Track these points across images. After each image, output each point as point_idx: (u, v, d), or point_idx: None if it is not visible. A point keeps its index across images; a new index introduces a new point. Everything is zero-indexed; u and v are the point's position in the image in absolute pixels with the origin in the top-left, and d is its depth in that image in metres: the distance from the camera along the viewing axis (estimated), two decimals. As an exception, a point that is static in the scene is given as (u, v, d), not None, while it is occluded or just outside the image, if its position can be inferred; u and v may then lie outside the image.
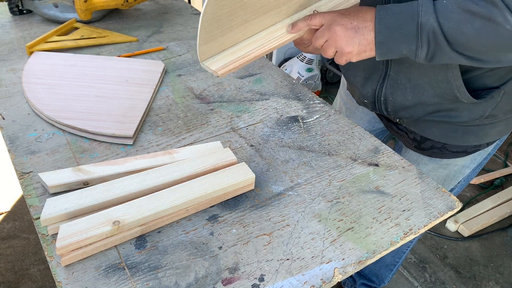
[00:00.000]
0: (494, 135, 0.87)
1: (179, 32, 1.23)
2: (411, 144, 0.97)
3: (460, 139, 0.87)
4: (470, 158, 0.94)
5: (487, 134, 0.86)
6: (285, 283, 0.59)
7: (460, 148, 0.89)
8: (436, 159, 0.95)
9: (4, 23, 1.22)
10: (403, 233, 0.67)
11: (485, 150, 0.93)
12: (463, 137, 0.87)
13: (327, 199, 0.72)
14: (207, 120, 0.88)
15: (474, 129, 0.85)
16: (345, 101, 1.14)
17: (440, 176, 0.99)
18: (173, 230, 0.65)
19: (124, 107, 0.87)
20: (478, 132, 0.85)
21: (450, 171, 0.97)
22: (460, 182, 1.02)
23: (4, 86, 0.95)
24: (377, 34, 0.67)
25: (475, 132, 0.85)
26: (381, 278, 1.43)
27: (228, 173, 0.70)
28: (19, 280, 1.59)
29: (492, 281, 1.68)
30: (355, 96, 1.02)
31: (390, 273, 1.39)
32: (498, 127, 0.85)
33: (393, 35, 0.66)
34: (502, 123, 0.84)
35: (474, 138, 0.87)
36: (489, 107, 0.79)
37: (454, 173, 0.98)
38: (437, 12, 0.63)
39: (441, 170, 0.97)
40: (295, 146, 0.83)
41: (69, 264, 0.59)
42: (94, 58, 1.02)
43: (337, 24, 0.69)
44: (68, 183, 0.69)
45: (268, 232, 0.66)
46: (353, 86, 0.96)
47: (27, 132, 0.82)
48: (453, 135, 0.87)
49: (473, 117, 0.81)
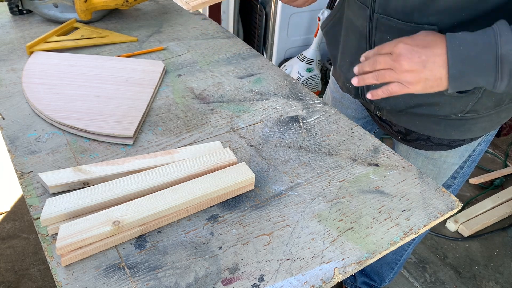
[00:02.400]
0: (477, 131, 0.86)
1: (179, 32, 1.23)
2: (397, 136, 0.99)
3: (443, 133, 0.87)
4: (458, 154, 0.94)
5: (469, 130, 0.85)
6: (285, 283, 0.59)
7: (444, 141, 0.90)
8: (423, 152, 0.96)
9: (4, 23, 1.22)
10: (403, 233, 0.67)
11: (471, 145, 0.92)
12: (446, 131, 0.87)
13: (327, 199, 0.72)
14: (207, 120, 0.88)
15: (456, 123, 0.84)
16: (332, 90, 1.16)
17: (431, 175, 1.00)
18: (173, 230, 0.65)
19: (124, 107, 0.87)
20: (460, 127, 0.85)
21: (440, 169, 0.98)
22: (457, 179, 1.02)
23: (4, 86, 0.95)
24: (451, 68, 0.61)
25: (457, 127, 0.85)
26: (382, 277, 1.43)
27: (228, 173, 0.70)
28: (19, 280, 1.59)
29: (492, 281, 1.68)
30: (339, 82, 1.02)
31: (391, 272, 1.39)
32: (480, 123, 0.84)
33: (468, 69, 0.60)
34: (485, 120, 0.83)
35: (456, 132, 0.86)
36: (470, 102, 0.78)
37: (444, 171, 0.99)
38: None
39: (430, 167, 0.99)
40: (295, 146, 0.83)
41: (69, 264, 0.59)
42: (94, 58, 1.02)
43: (403, 56, 0.63)
44: (68, 183, 0.69)
45: (268, 232, 0.66)
46: (339, 70, 0.97)
47: (27, 132, 0.82)
48: (435, 127, 0.87)
49: (454, 111, 0.81)
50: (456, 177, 1.02)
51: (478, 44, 0.59)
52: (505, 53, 0.57)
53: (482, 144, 0.94)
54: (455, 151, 0.94)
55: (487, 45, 0.59)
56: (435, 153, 0.95)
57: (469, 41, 0.60)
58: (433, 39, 0.63)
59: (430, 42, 0.63)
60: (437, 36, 0.63)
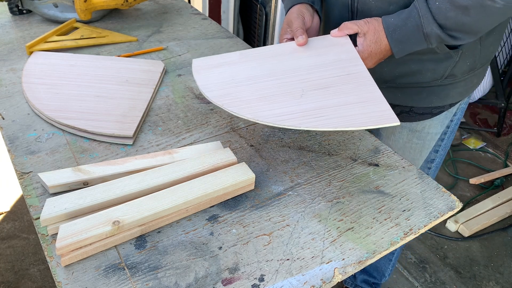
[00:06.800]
0: (455, 96, 0.96)
1: (179, 32, 1.23)
2: None
3: (425, 101, 0.96)
4: (439, 123, 1.03)
5: (448, 95, 0.95)
6: (285, 283, 0.59)
7: (426, 110, 0.98)
8: (407, 124, 1.03)
9: (4, 23, 1.22)
10: (403, 233, 0.67)
11: (450, 112, 1.01)
12: (427, 98, 0.96)
13: (327, 199, 0.72)
14: (207, 120, 0.88)
15: (436, 89, 0.94)
16: None
17: (417, 148, 1.07)
18: (173, 230, 0.65)
19: (124, 107, 0.87)
20: (440, 93, 0.94)
21: (424, 141, 1.06)
22: (439, 152, 1.11)
23: (4, 86, 0.95)
24: (393, 48, 0.80)
25: (438, 93, 0.95)
26: (381, 272, 1.43)
27: (228, 173, 0.70)
28: (19, 280, 1.59)
29: (492, 281, 1.68)
30: None
31: (390, 264, 1.39)
32: (458, 88, 0.94)
33: (405, 46, 0.80)
34: (461, 84, 0.94)
35: (437, 99, 0.96)
36: (449, 67, 0.89)
37: (428, 142, 1.07)
38: (435, 17, 0.74)
39: (415, 140, 1.06)
40: (295, 146, 0.83)
41: (69, 264, 0.59)
42: (94, 58, 1.02)
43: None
44: (68, 183, 0.69)
45: (268, 232, 0.66)
46: None
47: (27, 132, 0.82)
48: (417, 97, 0.96)
49: (435, 77, 0.91)
50: (438, 150, 1.10)
51: (408, 27, 0.77)
52: (429, 32, 0.76)
53: (458, 114, 1.04)
54: (437, 119, 1.02)
55: (415, 27, 0.77)
56: (419, 125, 1.03)
57: (400, 26, 0.78)
58: (378, 38, 0.80)
59: (377, 40, 0.80)
60: (377, 23, 0.80)
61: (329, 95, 0.74)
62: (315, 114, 0.70)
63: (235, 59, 0.84)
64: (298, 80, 0.78)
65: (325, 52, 0.84)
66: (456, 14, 0.72)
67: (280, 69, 0.80)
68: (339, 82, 0.76)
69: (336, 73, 0.79)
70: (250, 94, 0.75)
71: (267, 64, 0.82)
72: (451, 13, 0.73)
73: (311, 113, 0.70)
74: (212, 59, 0.85)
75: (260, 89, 0.76)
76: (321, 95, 0.74)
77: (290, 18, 0.87)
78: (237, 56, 0.85)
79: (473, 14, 0.71)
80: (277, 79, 0.78)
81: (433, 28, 0.75)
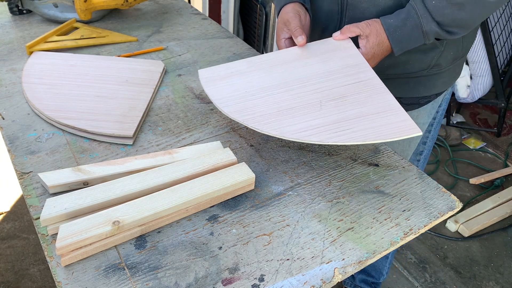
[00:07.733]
0: (440, 86, 1.00)
1: (179, 32, 1.23)
2: None
3: (413, 91, 1.00)
4: (427, 113, 1.06)
5: (434, 85, 0.99)
6: (285, 283, 0.59)
7: (413, 100, 1.02)
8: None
9: (4, 23, 1.22)
10: (403, 233, 0.67)
11: (436, 102, 1.06)
12: (415, 88, 0.99)
13: (327, 199, 0.72)
14: (207, 120, 0.88)
15: (423, 80, 0.98)
16: None
17: (406, 140, 1.08)
18: (173, 230, 0.65)
19: (124, 107, 0.87)
20: (427, 83, 0.98)
21: None
22: (427, 144, 1.15)
23: (4, 86, 0.95)
24: (393, 48, 0.83)
25: (424, 83, 0.98)
26: (379, 270, 1.43)
27: (228, 173, 0.70)
28: (19, 280, 1.59)
29: (492, 281, 1.68)
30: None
31: (387, 261, 1.40)
32: (443, 78, 0.99)
33: (405, 44, 0.83)
34: (446, 74, 0.98)
35: (424, 89, 0.99)
36: (435, 56, 0.93)
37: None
38: (433, 16, 0.79)
39: None
40: (295, 146, 0.83)
41: (69, 264, 0.59)
42: (94, 58, 1.02)
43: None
44: (68, 183, 0.69)
45: (268, 232, 0.66)
46: (312, 39, 0.99)
47: (27, 132, 0.82)
48: (405, 87, 0.99)
49: (422, 67, 0.95)
50: (426, 142, 1.15)
51: (408, 27, 0.81)
52: (427, 30, 0.81)
53: (443, 104, 1.09)
54: (424, 110, 1.05)
55: (414, 27, 0.81)
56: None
57: (400, 26, 0.81)
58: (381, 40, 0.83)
59: (380, 42, 0.83)
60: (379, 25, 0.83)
61: (347, 106, 0.73)
62: (340, 127, 0.69)
63: (242, 68, 0.84)
64: (311, 91, 0.77)
65: (331, 57, 0.84)
66: (453, 11, 0.77)
67: (290, 79, 0.80)
68: (353, 91, 0.76)
69: (347, 81, 0.78)
70: (267, 108, 0.75)
71: (275, 73, 0.82)
72: (448, 10, 0.77)
73: (335, 126, 0.70)
74: (218, 69, 0.85)
75: (276, 101, 0.76)
76: (339, 106, 0.73)
77: (287, 17, 0.87)
78: (244, 65, 0.85)
79: (468, 10, 0.77)
80: (290, 90, 0.78)
81: (431, 26, 0.80)
